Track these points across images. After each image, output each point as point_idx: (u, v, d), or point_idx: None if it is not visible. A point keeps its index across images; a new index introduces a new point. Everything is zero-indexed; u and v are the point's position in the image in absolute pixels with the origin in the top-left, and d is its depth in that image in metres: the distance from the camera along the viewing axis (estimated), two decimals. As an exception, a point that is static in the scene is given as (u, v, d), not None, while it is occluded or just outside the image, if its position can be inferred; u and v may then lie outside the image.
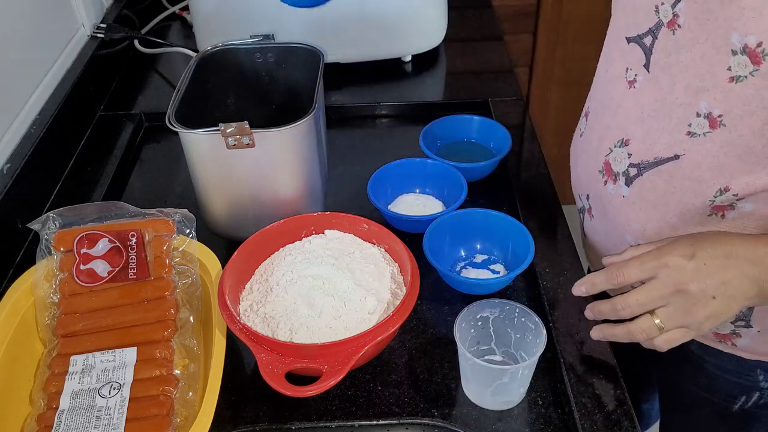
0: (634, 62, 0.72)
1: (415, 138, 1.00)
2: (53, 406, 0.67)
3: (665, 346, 0.66)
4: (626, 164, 0.75)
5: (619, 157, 0.76)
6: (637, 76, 0.72)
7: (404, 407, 0.70)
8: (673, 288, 0.63)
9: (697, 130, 0.67)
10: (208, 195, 0.85)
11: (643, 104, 0.72)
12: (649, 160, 0.72)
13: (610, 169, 0.77)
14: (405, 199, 0.95)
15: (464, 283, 0.81)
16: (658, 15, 0.67)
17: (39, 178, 0.93)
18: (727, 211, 0.69)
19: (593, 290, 0.70)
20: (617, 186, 0.77)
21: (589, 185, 0.83)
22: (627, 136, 0.74)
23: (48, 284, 0.74)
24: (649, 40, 0.69)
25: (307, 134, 0.81)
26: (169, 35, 1.38)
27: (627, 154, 0.75)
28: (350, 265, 0.75)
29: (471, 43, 1.33)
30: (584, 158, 0.84)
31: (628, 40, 0.72)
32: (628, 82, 0.73)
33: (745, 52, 0.60)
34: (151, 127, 1.13)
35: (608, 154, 0.77)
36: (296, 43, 0.95)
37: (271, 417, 0.70)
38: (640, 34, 0.70)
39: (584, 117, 0.86)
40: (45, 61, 1.03)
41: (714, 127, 0.65)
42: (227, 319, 0.69)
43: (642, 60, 0.71)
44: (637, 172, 0.74)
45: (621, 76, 0.75)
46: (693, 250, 0.64)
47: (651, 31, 0.69)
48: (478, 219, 0.85)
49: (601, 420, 0.66)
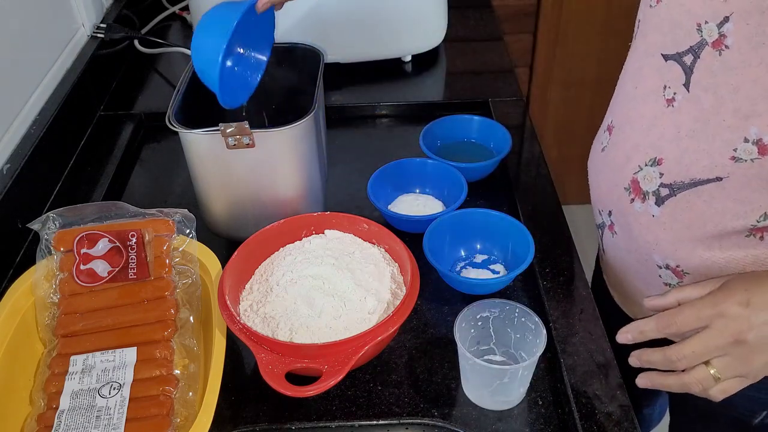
0: (673, 80, 0.69)
1: (415, 138, 1.00)
2: (53, 406, 0.67)
3: (720, 396, 0.63)
4: (657, 184, 0.73)
5: (650, 176, 0.73)
6: (676, 95, 0.69)
7: (404, 407, 0.70)
8: (730, 339, 0.60)
9: (743, 156, 0.64)
10: (208, 195, 0.85)
11: (681, 124, 0.69)
12: (684, 181, 0.70)
13: (638, 188, 0.75)
14: (405, 199, 0.95)
15: (464, 283, 0.81)
16: (701, 34, 0.64)
17: (39, 178, 0.93)
18: (766, 233, 0.67)
19: (640, 339, 0.65)
20: (646, 205, 0.75)
21: (613, 202, 0.81)
22: (660, 155, 0.72)
23: (48, 284, 0.74)
24: (689, 58, 0.66)
25: (307, 134, 0.81)
26: (169, 35, 1.38)
27: (659, 174, 0.72)
28: (350, 265, 0.75)
29: (471, 43, 1.33)
30: (607, 174, 0.81)
31: (665, 57, 0.69)
32: (666, 100, 0.70)
33: None
34: (151, 127, 1.13)
35: (637, 173, 0.75)
36: (296, 43, 0.95)
37: (271, 417, 0.70)
38: (680, 52, 0.67)
39: (606, 131, 0.83)
40: (45, 61, 1.03)
41: (764, 154, 0.63)
42: (227, 319, 0.69)
43: (681, 79, 0.68)
44: (669, 192, 0.72)
45: (656, 93, 0.72)
46: (748, 296, 0.60)
47: (692, 49, 0.66)
48: (478, 219, 0.85)
49: (601, 420, 0.66)
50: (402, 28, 1.19)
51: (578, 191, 2.42)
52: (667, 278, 0.77)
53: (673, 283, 0.77)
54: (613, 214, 0.81)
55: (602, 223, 0.85)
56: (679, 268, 0.75)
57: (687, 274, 0.75)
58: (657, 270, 0.78)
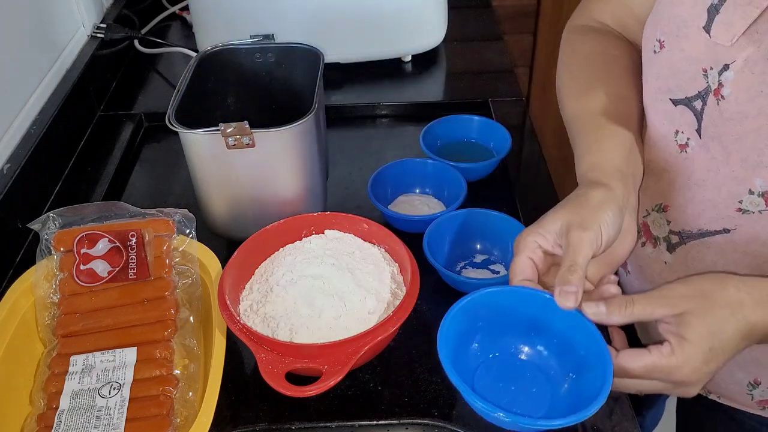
0: (685, 126, 0.66)
1: (415, 138, 1.00)
2: (53, 406, 0.67)
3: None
4: (666, 230, 0.71)
5: (658, 223, 0.72)
6: (690, 140, 0.66)
7: (404, 407, 0.70)
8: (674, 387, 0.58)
9: (750, 208, 0.62)
10: (208, 195, 0.85)
11: (692, 172, 0.66)
12: (692, 231, 0.68)
13: (648, 232, 0.74)
14: (405, 199, 0.95)
15: (464, 283, 0.81)
16: (707, 80, 0.61)
17: (39, 178, 0.93)
18: None
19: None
20: (657, 251, 0.73)
21: None
22: (665, 201, 0.70)
23: (48, 284, 0.74)
24: (699, 104, 0.63)
25: (307, 134, 0.81)
26: (169, 35, 1.38)
27: (666, 221, 0.71)
28: (350, 265, 0.75)
29: (471, 43, 1.33)
30: None
31: (674, 102, 0.66)
32: (679, 146, 0.67)
33: None
34: (151, 127, 1.13)
35: (646, 216, 0.74)
36: (296, 43, 0.95)
37: (271, 417, 0.70)
38: (689, 97, 0.64)
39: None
40: (45, 61, 1.03)
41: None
42: (227, 319, 0.69)
43: (694, 124, 0.64)
44: (679, 240, 0.70)
45: (667, 138, 0.69)
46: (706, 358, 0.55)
47: (701, 95, 0.62)
48: (478, 219, 0.85)
49: (601, 420, 0.66)
50: (402, 28, 1.19)
51: (578, 191, 2.42)
52: None
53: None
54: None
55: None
56: None
57: None
58: None
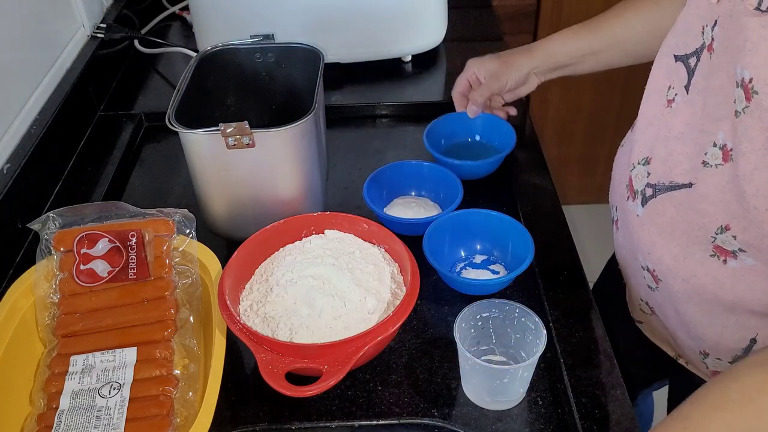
0: (677, 81, 0.69)
1: (415, 138, 1.00)
2: (53, 406, 0.67)
3: None
4: (644, 183, 0.73)
5: (640, 175, 0.74)
6: (677, 96, 0.69)
7: (404, 407, 0.70)
8: None
9: (711, 161, 0.64)
10: (208, 195, 0.85)
11: (673, 126, 0.69)
12: (665, 183, 0.70)
13: (632, 186, 0.76)
14: (401, 201, 0.94)
15: (464, 284, 0.81)
16: (703, 36, 0.64)
17: (39, 178, 0.93)
18: (729, 259, 0.66)
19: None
20: (635, 204, 0.75)
21: (617, 198, 0.82)
22: (651, 154, 0.72)
23: (48, 284, 0.74)
24: (693, 61, 0.66)
25: (307, 134, 0.81)
26: (169, 35, 1.38)
27: (647, 173, 0.73)
28: (350, 265, 0.75)
29: (471, 43, 1.33)
30: (618, 170, 0.82)
31: (675, 58, 0.69)
32: (667, 101, 0.71)
33: (742, 86, 0.58)
34: (151, 127, 1.13)
35: (632, 170, 0.76)
36: (296, 43, 0.95)
37: (271, 417, 0.70)
38: (688, 53, 0.67)
39: (632, 128, 0.83)
40: (45, 61, 1.03)
41: (726, 161, 0.62)
42: (227, 319, 0.69)
43: (684, 80, 0.68)
44: (651, 193, 0.72)
45: (660, 93, 0.72)
46: None
47: (696, 52, 0.66)
48: (478, 219, 0.85)
49: (601, 420, 0.66)
50: (402, 28, 1.19)
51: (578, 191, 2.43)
52: (648, 281, 0.78)
53: (653, 287, 0.78)
54: (618, 210, 0.83)
55: (613, 218, 0.86)
56: (655, 272, 0.75)
57: (661, 281, 0.75)
58: (641, 271, 0.79)
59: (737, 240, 0.64)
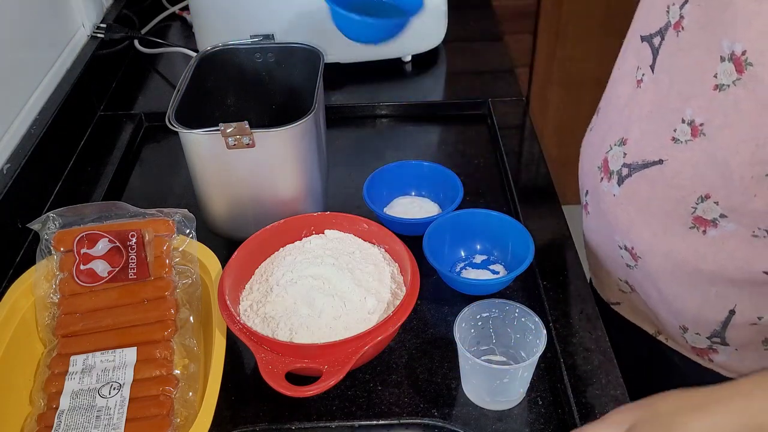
0: (643, 61, 0.72)
1: (415, 138, 0.99)
2: (53, 406, 0.67)
3: None
4: (621, 163, 0.75)
5: (617, 156, 0.76)
6: (644, 75, 0.72)
7: (404, 407, 0.70)
8: None
9: (681, 137, 0.66)
10: (208, 195, 0.85)
11: (643, 105, 0.72)
12: (638, 162, 0.72)
13: (607, 167, 0.78)
14: (401, 201, 0.94)
15: (464, 284, 0.81)
16: (668, 15, 0.67)
17: (39, 178, 0.93)
18: (709, 228, 0.68)
19: None
20: (610, 184, 0.77)
21: (589, 181, 0.84)
22: (626, 135, 0.74)
23: (48, 284, 0.74)
24: (657, 40, 0.69)
25: (307, 134, 0.81)
26: (169, 35, 1.38)
27: (623, 153, 0.75)
28: (350, 265, 0.75)
29: (471, 43, 1.33)
30: (589, 153, 0.84)
31: (642, 39, 0.72)
32: (637, 81, 0.73)
33: (732, 60, 0.59)
34: (151, 127, 1.13)
35: (608, 152, 0.78)
36: (296, 43, 0.95)
37: (271, 417, 0.70)
38: (652, 33, 0.70)
39: (597, 113, 0.86)
40: (45, 61, 1.03)
41: (695, 136, 0.65)
42: (227, 319, 0.69)
43: (649, 60, 0.70)
44: (627, 173, 0.74)
45: (631, 74, 0.74)
46: None
47: (660, 31, 0.68)
48: (478, 219, 0.85)
49: (601, 419, 0.66)
50: (402, 28, 1.19)
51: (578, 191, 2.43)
52: (627, 260, 0.79)
53: (632, 265, 0.79)
54: (589, 193, 0.84)
55: (582, 203, 0.88)
56: (634, 250, 0.77)
57: (640, 258, 0.77)
58: (618, 251, 0.80)
59: (719, 206, 0.66)
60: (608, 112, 0.80)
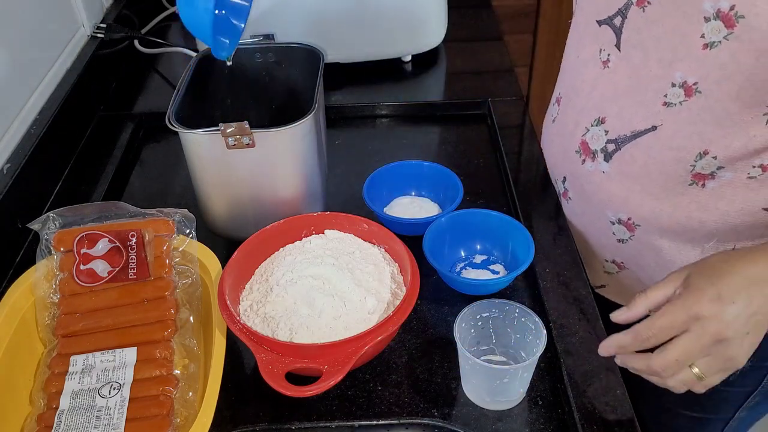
0: (606, 43, 0.75)
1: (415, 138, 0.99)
2: (53, 406, 0.67)
3: (704, 389, 0.63)
4: (604, 141, 0.78)
5: (597, 136, 0.79)
6: (610, 56, 0.75)
7: (404, 407, 0.70)
8: (710, 340, 0.60)
9: (673, 100, 0.70)
10: (208, 195, 0.85)
11: (617, 82, 0.75)
12: (626, 134, 0.75)
13: (587, 148, 0.80)
14: (401, 201, 0.94)
15: (464, 284, 0.81)
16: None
17: (39, 178, 0.93)
18: (708, 181, 0.72)
19: (622, 353, 0.65)
20: (596, 163, 0.80)
21: (565, 167, 0.86)
22: (603, 114, 0.78)
23: (48, 284, 0.74)
24: (618, 20, 0.72)
25: (307, 134, 0.81)
26: (169, 35, 1.38)
27: (604, 131, 0.78)
28: (350, 265, 0.75)
29: (471, 43, 1.33)
30: (559, 141, 0.87)
31: (599, 23, 0.75)
32: (602, 62, 0.76)
33: (719, 17, 0.62)
34: (151, 127, 1.13)
35: (585, 134, 0.80)
36: (296, 43, 0.95)
37: (271, 417, 0.70)
38: (610, 15, 0.73)
39: (555, 103, 0.89)
40: (45, 61, 1.03)
41: (690, 95, 0.68)
42: (227, 319, 0.69)
43: (613, 40, 0.74)
44: (615, 147, 0.77)
45: (594, 58, 0.78)
46: (716, 290, 0.59)
47: (620, 11, 0.72)
48: (478, 219, 0.85)
49: (601, 420, 0.66)
50: (402, 28, 1.19)
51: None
52: (620, 234, 0.82)
53: (626, 237, 0.81)
54: (567, 179, 0.87)
55: (558, 192, 0.91)
56: (630, 220, 0.79)
57: (638, 226, 0.79)
58: (610, 227, 0.82)
59: (717, 159, 0.70)
60: (573, 99, 0.83)
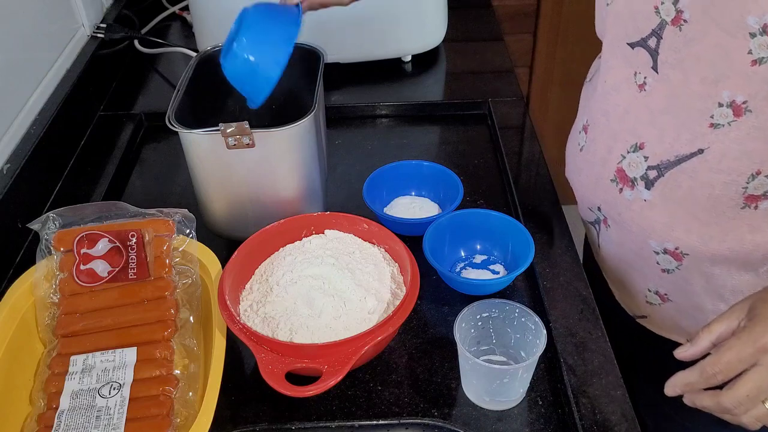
0: (642, 66, 0.71)
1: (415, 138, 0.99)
2: (53, 406, 0.67)
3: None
4: (644, 168, 0.74)
5: (635, 163, 0.75)
6: (647, 78, 0.71)
7: (404, 407, 0.70)
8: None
9: (721, 120, 0.66)
10: (208, 195, 0.85)
11: (653, 105, 0.71)
12: (669, 160, 0.71)
13: (625, 176, 0.76)
14: (401, 201, 0.94)
15: (464, 284, 0.81)
16: (659, 15, 0.67)
17: (39, 178, 0.93)
18: (761, 201, 0.69)
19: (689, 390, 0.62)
20: (636, 191, 0.76)
21: (598, 196, 0.82)
22: (640, 140, 0.74)
23: (48, 284, 0.74)
24: (653, 41, 0.69)
25: (307, 134, 0.81)
26: (169, 35, 1.38)
27: (643, 158, 0.74)
28: (350, 265, 0.75)
29: (471, 43, 1.33)
30: (589, 170, 0.82)
31: (631, 46, 0.71)
32: (638, 86, 0.72)
33: (765, 33, 0.60)
34: (151, 127, 1.13)
35: (620, 162, 0.76)
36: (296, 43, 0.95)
37: (271, 417, 0.70)
38: (644, 37, 0.70)
39: (582, 131, 0.85)
40: (45, 61, 1.03)
41: (739, 115, 0.65)
42: (227, 319, 0.69)
43: (649, 62, 0.70)
44: (657, 174, 0.73)
45: (628, 81, 0.74)
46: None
47: (654, 32, 0.68)
48: (478, 219, 0.85)
49: (601, 420, 0.66)
50: (402, 28, 1.19)
51: (578, 191, 2.42)
52: (665, 263, 0.78)
53: (672, 267, 0.78)
54: (603, 208, 0.82)
55: (596, 219, 0.86)
56: (677, 249, 0.76)
57: (686, 255, 0.75)
58: (654, 257, 0.78)
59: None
60: (603, 125, 0.79)
